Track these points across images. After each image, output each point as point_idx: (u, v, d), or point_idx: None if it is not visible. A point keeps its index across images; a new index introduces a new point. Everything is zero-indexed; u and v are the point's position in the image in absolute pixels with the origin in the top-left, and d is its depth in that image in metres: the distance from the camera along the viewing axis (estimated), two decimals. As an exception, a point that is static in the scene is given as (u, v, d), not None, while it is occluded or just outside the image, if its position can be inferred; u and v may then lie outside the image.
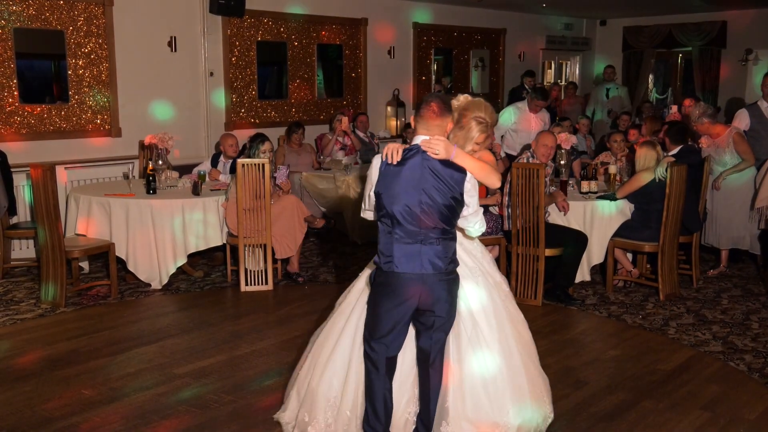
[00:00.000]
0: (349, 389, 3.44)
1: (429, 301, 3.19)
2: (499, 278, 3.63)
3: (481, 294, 3.44)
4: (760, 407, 4.10)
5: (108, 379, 4.45)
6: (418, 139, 3.22)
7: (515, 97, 11.49)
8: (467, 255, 3.50)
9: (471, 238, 3.51)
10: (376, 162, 3.24)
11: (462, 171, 3.18)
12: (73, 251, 5.92)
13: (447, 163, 3.16)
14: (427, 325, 3.25)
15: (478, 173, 3.24)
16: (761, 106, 6.96)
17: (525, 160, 5.87)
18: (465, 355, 3.37)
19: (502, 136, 8.13)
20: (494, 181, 3.35)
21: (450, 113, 3.26)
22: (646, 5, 12.15)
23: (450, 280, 3.23)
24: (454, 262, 3.25)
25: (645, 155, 6.00)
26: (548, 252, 5.80)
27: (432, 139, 3.15)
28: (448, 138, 3.31)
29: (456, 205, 3.19)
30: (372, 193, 3.23)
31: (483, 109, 3.60)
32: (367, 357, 3.31)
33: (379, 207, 3.22)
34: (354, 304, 3.56)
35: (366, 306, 3.36)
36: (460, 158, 3.20)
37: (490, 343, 3.40)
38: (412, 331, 3.39)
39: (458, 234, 3.40)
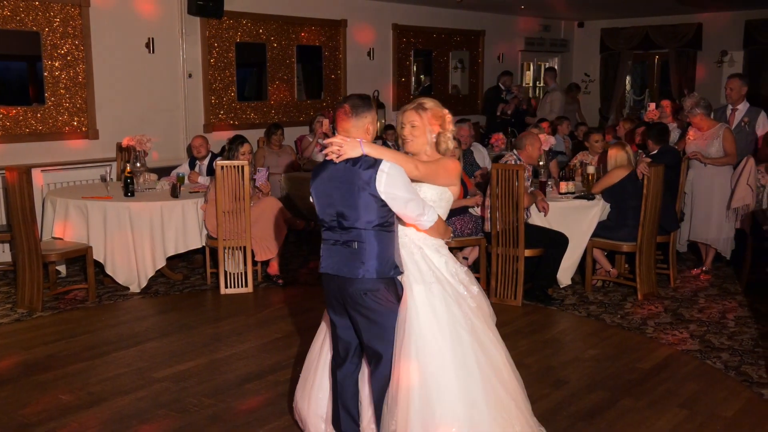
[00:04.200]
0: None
1: (350, 305, 3.12)
2: (464, 292, 3.26)
3: (432, 301, 3.14)
4: (737, 405, 4.15)
5: (86, 384, 4.40)
6: None
7: (491, 97, 11.53)
8: (423, 260, 3.23)
9: (424, 234, 3.24)
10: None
11: (373, 165, 2.99)
12: (49, 255, 5.86)
13: (358, 160, 3.01)
14: (357, 329, 3.17)
15: (396, 160, 3.05)
16: (726, 110, 7.04)
17: (513, 162, 5.90)
18: (410, 364, 3.08)
19: None
20: (411, 168, 3.10)
21: (369, 110, 3.11)
22: (622, 7, 12.27)
23: (370, 287, 3.06)
24: (376, 270, 3.05)
25: (615, 156, 6.16)
26: (528, 252, 5.83)
27: (333, 143, 3.03)
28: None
29: (372, 202, 3.01)
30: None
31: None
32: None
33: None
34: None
35: None
36: (373, 150, 3.03)
37: (437, 354, 3.08)
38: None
39: (420, 238, 3.24)
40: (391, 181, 3.00)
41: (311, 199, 3.20)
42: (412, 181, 3.13)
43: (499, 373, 3.22)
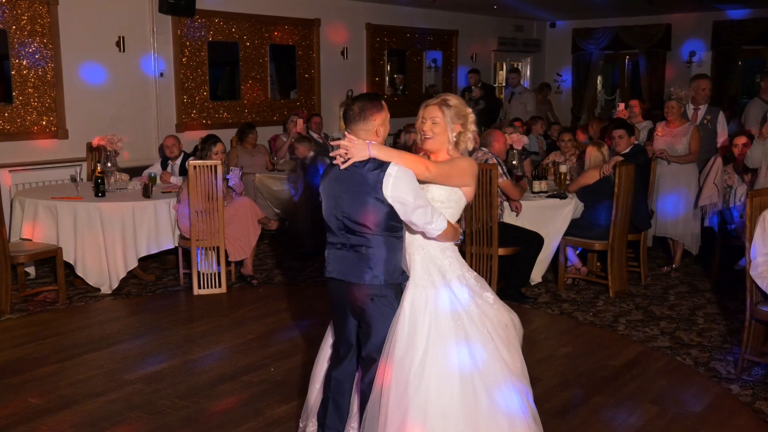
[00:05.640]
0: None
1: (355, 310, 3.10)
2: (467, 297, 3.05)
3: (421, 305, 3.00)
4: (706, 400, 4.22)
5: (56, 387, 4.34)
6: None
7: (463, 96, 11.61)
8: (423, 262, 3.10)
9: (437, 243, 3.10)
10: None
11: (381, 168, 2.93)
12: (18, 256, 5.77)
13: (366, 162, 2.95)
14: (361, 336, 3.13)
15: (405, 163, 2.96)
16: (688, 110, 7.17)
17: (488, 159, 5.91)
18: (389, 367, 2.99)
19: None
20: (422, 170, 3.00)
21: (378, 111, 3.03)
22: (594, 8, 12.40)
23: (378, 292, 3.00)
24: (384, 276, 2.99)
25: (591, 155, 6.26)
26: (501, 251, 5.86)
27: (340, 145, 2.98)
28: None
29: (380, 207, 2.94)
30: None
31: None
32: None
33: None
34: None
35: None
36: (381, 153, 2.95)
37: (412, 361, 2.94)
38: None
39: (423, 239, 3.09)
40: (398, 185, 2.92)
41: (320, 199, 3.15)
42: (421, 182, 3.03)
43: (491, 386, 2.99)
